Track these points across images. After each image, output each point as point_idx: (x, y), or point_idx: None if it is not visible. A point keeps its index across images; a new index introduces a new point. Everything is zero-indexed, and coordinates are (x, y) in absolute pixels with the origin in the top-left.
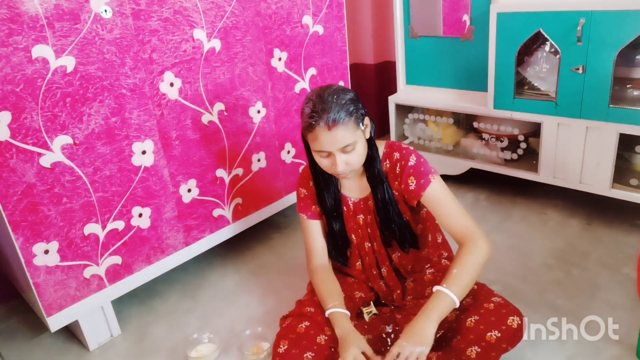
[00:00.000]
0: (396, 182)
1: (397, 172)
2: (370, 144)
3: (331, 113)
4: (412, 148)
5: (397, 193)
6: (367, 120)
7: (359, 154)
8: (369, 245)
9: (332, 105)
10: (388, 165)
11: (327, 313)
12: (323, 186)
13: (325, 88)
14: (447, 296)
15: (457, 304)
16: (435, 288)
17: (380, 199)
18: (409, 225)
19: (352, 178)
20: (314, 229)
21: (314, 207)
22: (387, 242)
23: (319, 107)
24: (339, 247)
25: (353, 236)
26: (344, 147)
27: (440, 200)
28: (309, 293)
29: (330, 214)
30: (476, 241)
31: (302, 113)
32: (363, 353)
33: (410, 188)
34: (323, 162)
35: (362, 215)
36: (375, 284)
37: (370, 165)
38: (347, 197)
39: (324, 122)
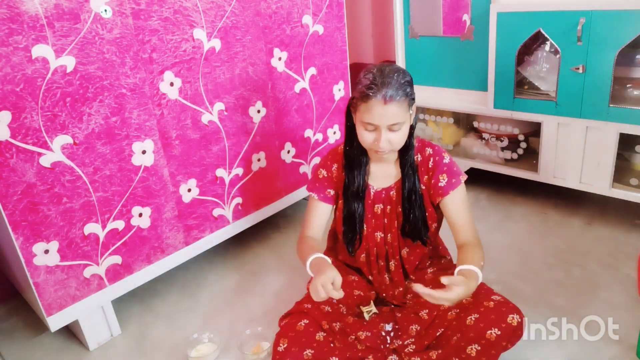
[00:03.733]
0: (426, 177)
1: (430, 166)
2: (411, 132)
3: (390, 88)
4: (441, 147)
5: (424, 187)
6: (414, 107)
7: (403, 135)
8: (382, 235)
9: (393, 81)
10: (420, 159)
11: (309, 259)
12: (355, 165)
13: (387, 65)
14: (477, 276)
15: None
16: (472, 268)
17: (407, 188)
18: (426, 218)
19: (381, 165)
20: (320, 210)
21: (328, 190)
22: (407, 233)
23: (379, 80)
24: (353, 232)
25: (365, 226)
26: (392, 125)
27: (461, 204)
28: (307, 293)
29: (356, 194)
30: (481, 249)
31: (359, 83)
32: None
33: (440, 184)
34: (366, 136)
35: (381, 205)
36: (380, 277)
37: (406, 153)
38: (369, 185)
39: (381, 95)
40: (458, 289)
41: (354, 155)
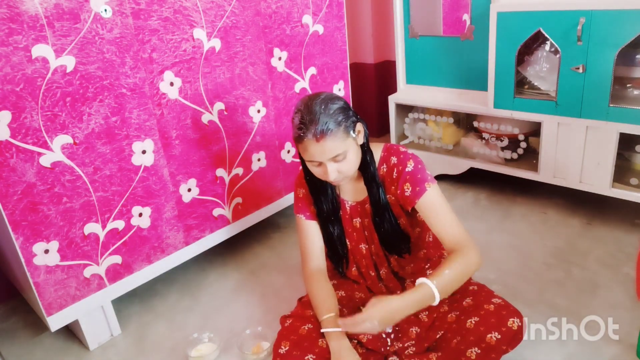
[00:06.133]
0: (392, 187)
1: (394, 177)
2: (364, 149)
3: (319, 124)
4: (410, 152)
5: (393, 197)
6: (359, 126)
7: (351, 161)
8: (366, 247)
9: (320, 116)
10: (385, 170)
11: (322, 330)
12: (319, 191)
13: (314, 97)
14: (431, 291)
15: (436, 303)
16: (422, 280)
17: (374, 203)
18: (401, 231)
19: (349, 182)
20: (312, 230)
21: (312, 207)
22: (387, 245)
23: (306, 118)
24: (338, 255)
25: (347, 241)
26: (334, 157)
27: (434, 210)
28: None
29: (328, 218)
30: (469, 251)
31: (292, 123)
32: None
33: (406, 194)
34: (316, 171)
35: (358, 219)
36: (374, 287)
37: (366, 169)
38: (344, 201)
39: (311, 134)
40: (372, 311)
41: (315, 183)
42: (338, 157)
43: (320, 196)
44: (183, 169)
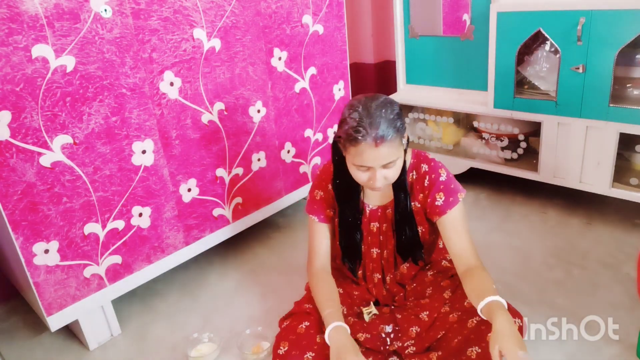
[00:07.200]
0: (421, 195)
1: (426, 184)
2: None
3: (380, 129)
4: (438, 160)
5: (419, 205)
6: (406, 133)
7: (398, 168)
8: (377, 251)
9: (382, 120)
10: (414, 176)
11: (330, 326)
12: (349, 198)
13: (372, 99)
14: (502, 303)
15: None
16: (492, 298)
17: (400, 210)
18: (419, 239)
19: None
20: (323, 232)
21: (327, 210)
22: (404, 252)
23: (366, 120)
24: (353, 260)
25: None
26: (386, 164)
27: (460, 224)
28: (307, 293)
29: (352, 225)
30: (485, 270)
31: (344, 123)
32: None
33: (437, 203)
34: (360, 176)
35: (376, 223)
36: (375, 289)
37: (399, 176)
38: (365, 204)
39: (371, 138)
40: (508, 348)
41: (345, 189)
42: (390, 163)
43: (348, 203)
44: (183, 169)
